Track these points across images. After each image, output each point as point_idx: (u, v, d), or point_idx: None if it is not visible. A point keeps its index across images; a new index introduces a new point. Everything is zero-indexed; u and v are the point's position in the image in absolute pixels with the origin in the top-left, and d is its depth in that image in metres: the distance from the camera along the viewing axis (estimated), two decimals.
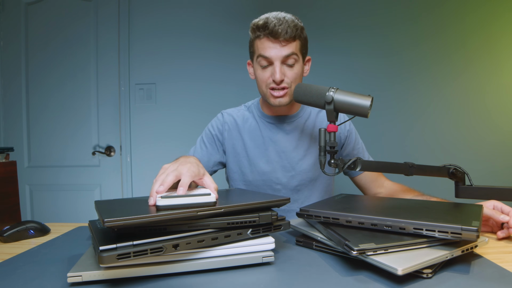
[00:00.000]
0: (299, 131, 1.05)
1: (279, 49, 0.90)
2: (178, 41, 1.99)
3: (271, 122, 1.04)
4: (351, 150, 1.09)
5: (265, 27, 0.90)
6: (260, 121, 1.05)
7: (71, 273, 0.49)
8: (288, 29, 0.89)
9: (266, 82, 0.95)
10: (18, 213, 0.93)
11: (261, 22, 0.91)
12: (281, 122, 1.04)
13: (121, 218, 0.47)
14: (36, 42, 2.03)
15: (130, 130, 2.01)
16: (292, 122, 1.05)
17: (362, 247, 0.51)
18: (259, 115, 1.06)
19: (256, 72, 0.98)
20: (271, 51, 0.91)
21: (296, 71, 0.94)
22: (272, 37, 0.90)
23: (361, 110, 0.68)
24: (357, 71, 1.95)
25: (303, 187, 1.04)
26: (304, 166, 1.03)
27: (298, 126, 1.05)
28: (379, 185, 1.08)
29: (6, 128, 2.05)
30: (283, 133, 1.04)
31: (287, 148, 1.03)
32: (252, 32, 0.95)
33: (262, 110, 1.07)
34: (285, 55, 0.91)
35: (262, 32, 0.91)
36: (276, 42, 0.90)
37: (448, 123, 1.96)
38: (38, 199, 2.05)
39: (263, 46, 0.92)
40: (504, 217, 0.71)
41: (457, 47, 1.94)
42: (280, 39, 0.89)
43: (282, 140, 1.03)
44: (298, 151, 1.03)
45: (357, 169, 0.71)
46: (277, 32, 0.88)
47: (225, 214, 0.56)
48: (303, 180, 1.03)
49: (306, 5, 1.95)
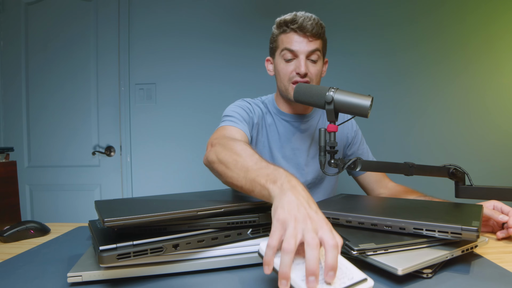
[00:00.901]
0: (313, 130, 1.06)
1: (306, 44, 0.93)
2: (178, 41, 1.99)
3: (287, 120, 1.05)
4: (356, 150, 1.11)
5: (293, 21, 0.92)
6: (276, 117, 1.06)
7: (71, 273, 0.49)
8: (316, 26, 0.92)
9: (289, 76, 0.96)
10: (18, 213, 0.93)
11: (289, 17, 0.94)
12: (296, 120, 1.06)
13: (121, 218, 0.47)
14: (36, 42, 2.03)
15: (130, 130, 2.01)
16: (307, 121, 1.06)
17: (362, 247, 0.51)
18: (275, 112, 1.06)
19: (278, 66, 0.98)
20: (298, 45, 0.93)
21: (318, 68, 0.97)
22: (301, 31, 0.92)
23: (361, 110, 0.68)
24: (357, 71, 1.95)
25: (311, 185, 1.06)
26: (316, 165, 1.05)
27: (311, 125, 1.07)
28: (383, 186, 1.09)
29: (6, 128, 2.05)
30: (298, 132, 1.05)
31: (301, 146, 1.04)
32: (278, 27, 0.97)
33: (277, 106, 1.07)
34: (310, 50, 0.93)
35: (289, 26, 0.93)
36: (304, 37, 0.93)
37: (448, 123, 1.96)
38: (38, 199, 2.05)
39: (289, 40, 0.94)
40: (504, 217, 0.71)
41: (457, 47, 1.94)
42: (307, 34, 0.92)
43: (298, 138, 1.05)
44: (311, 150, 1.05)
45: (357, 169, 0.71)
46: (305, 27, 0.91)
47: (225, 214, 0.56)
48: (312, 179, 1.05)
49: (306, 5, 1.95)
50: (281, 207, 0.44)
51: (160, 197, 0.67)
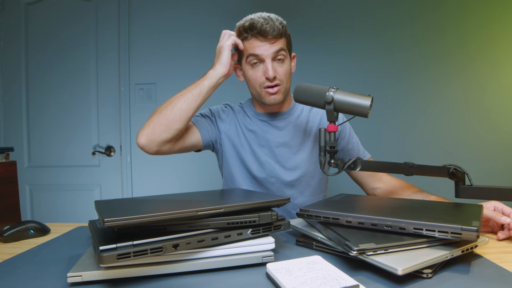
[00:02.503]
0: (292, 127, 1.05)
1: (269, 47, 0.93)
2: (178, 41, 1.99)
3: (263, 120, 1.06)
4: (346, 145, 1.09)
5: (252, 27, 0.92)
6: (253, 119, 1.07)
7: (71, 273, 0.49)
8: (275, 27, 0.91)
9: (259, 81, 0.96)
10: (18, 213, 0.94)
11: (247, 23, 0.93)
12: (273, 119, 1.05)
13: (121, 218, 0.47)
14: (36, 42, 2.03)
15: (130, 130, 2.01)
16: (284, 119, 1.06)
17: (362, 247, 0.51)
18: (252, 114, 1.07)
19: (247, 73, 0.99)
20: (261, 50, 0.93)
21: (286, 67, 0.97)
22: (261, 36, 0.92)
23: (361, 110, 0.68)
24: (357, 71, 1.95)
25: (296, 182, 1.04)
26: (297, 162, 1.04)
27: (290, 122, 1.06)
28: (377, 180, 1.07)
29: (6, 128, 2.05)
30: (275, 130, 1.05)
31: (280, 144, 1.04)
32: (238, 35, 0.96)
33: (254, 108, 1.08)
34: (275, 51, 0.93)
35: (249, 33, 0.93)
36: (265, 41, 0.92)
37: (448, 123, 1.96)
38: (38, 199, 2.05)
39: (252, 46, 0.94)
40: (505, 218, 0.71)
41: (457, 47, 1.94)
42: (268, 37, 0.92)
43: (275, 136, 1.04)
44: (291, 147, 1.04)
45: (357, 169, 0.71)
46: (265, 30, 0.91)
47: (225, 214, 0.56)
48: (296, 176, 1.04)
49: (306, 5, 1.95)
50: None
51: (160, 197, 0.67)
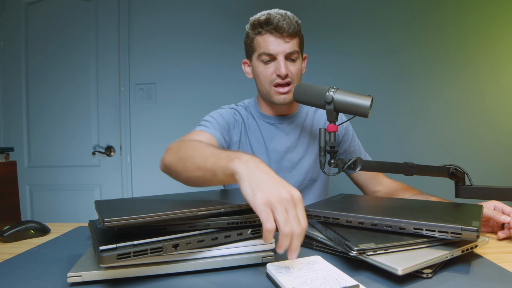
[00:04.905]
0: (299, 131, 1.04)
1: (284, 44, 0.90)
2: (178, 41, 1.99)
3: (270, 123, 1.03)
4: (348, 147, 1.08)
5: (268, 22, 0.89)
6: (260, 121, 1.03)
7: (71, 273, 0.49)
8: (291, 25, 0.89)
9: (269, 79, 0.93)
10: (18, 213, 0.93)
11: (263, 17, 0.90)
12: (280, 122, 1.03)
13: (121, 218, 0.47)
14: (36, 42, 2.03)
15: (130, 130, 2.01)
16: (291, 122, 1.04)
17: (362, 247, 0.51)
18: (258, 116, 1.04)
19: (257, 70, 0.95)
20: (275, 47, 0.90)
21: (298, 67, 0.94)
22: (276, 32, 0.89)
23: (361, 110, 0.68)
24: (357, 71, 1.95)
25: (302, 186, 1.04)
26: (304, 166, 1.03)
27: (297, 125, 1.04)
28: (378, 183, 1.08)
29: (6, 128, 2.05)
30: (283, 134, 1.03)
31: (287, 148, 1.02)
32: (252, 29, 0.93)
33: (260, 110, 1.04)
34: (289, 51, 0.90)
35: (264, 28, 0.90)
36: (280, 38, 0.90)
37: (448, 123, 1.96)
38: (38, 199, 2.05)
39: (265, 42, 0.91)
40: (505, 218, 0.71)
41: (457, 47, 1.94)
42: (284, 34, 0.89)
43: (282, 140, 1.02)
44: (298, 151, 1.03)
45: (357, 169, 0.71)
46: (281, 27, 0.88)
47: (225, 214, 0.55)
48: (302, 180, 1.03)
49: (306, 5, 1.95)
50: (259, 189, 0.48)
51: (160, 197, 0.67)
